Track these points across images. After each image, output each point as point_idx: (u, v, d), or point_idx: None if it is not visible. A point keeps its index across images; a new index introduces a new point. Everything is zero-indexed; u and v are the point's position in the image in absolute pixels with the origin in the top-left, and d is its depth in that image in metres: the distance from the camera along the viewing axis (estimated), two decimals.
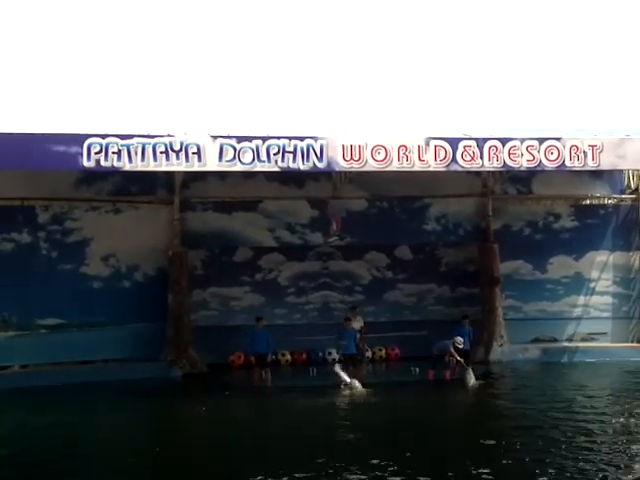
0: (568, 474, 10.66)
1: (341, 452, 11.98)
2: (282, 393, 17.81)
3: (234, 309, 22.61)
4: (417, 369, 19.70)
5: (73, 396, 17.14)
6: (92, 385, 18.13)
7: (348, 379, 17.98)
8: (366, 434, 13.61)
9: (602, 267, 22.94)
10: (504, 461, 11.46)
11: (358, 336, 19.44)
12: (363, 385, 17.89)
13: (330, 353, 21.74)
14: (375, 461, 11.27)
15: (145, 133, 16.15)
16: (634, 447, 11.97)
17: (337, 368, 18.31)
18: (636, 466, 10.92)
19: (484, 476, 10.57)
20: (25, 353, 19.49)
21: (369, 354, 21.94)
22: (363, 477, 10.61)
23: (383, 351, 22.34)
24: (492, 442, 12.64)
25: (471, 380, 18.51)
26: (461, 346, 18.90)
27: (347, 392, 17.61)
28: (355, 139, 16.72)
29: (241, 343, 20.31)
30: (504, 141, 17.07)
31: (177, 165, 16.31)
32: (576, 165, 17.40)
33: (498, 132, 17.73)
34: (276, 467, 11.10)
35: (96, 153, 15.72)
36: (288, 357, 22.15)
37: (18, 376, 19.00)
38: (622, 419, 14.10)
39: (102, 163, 15.81)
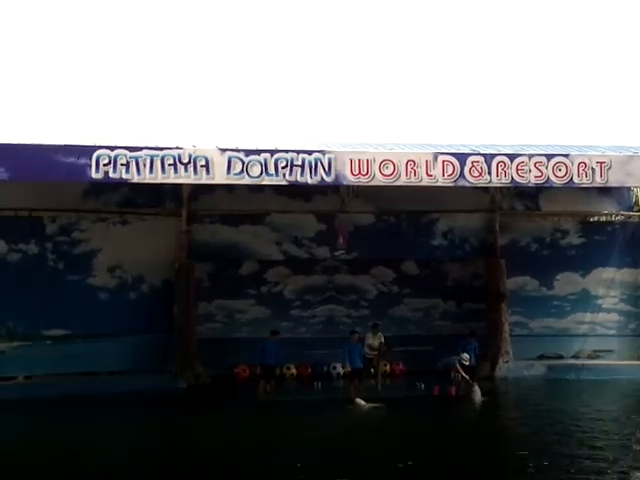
0: None
1: (345, 468, 11.92)
2: (286, 407, 17.74)
3: (239, 322, 22.58)
4: (422, 384, 19.63)
5: (77, 407, 17.08)
6: (96, 396, 18.06)
7: (363, 402, 17.81)
8: (368, 449, 13.57)
9: (609, 284, 22.85)
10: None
11: (366, 351, 19.51)
12: (366, 400, 17.82)
13: (335, 367, 21.72)
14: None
15: (154, 145, 16.17)
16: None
17: (359, 400, 18.04)
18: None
19: None
20: (30, 364, 19.44)
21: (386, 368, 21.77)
22: None
23: (388, 366, 22.22)
24: (497, 460, 12.59)
25: (477, 396, 18.46)
26: (467, 363, 18.86)
27: (351, 407, 17.55)
28: (363, 153, 16.72)
29: (246, 355, 20.35)
30: (512, 157, 17.06)
31: (185, 177, 16.31)
32: (584, 182, 17.38)
33: (506, 148, 17.73)
34: None
35: (105, 165, 15.73)
36: (293, 371, 22.08)
37: (22, 387, 18.95)
38: (627, 437, 14.07)
39: (110, 175, 15.83)
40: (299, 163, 16.34)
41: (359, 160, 16.55)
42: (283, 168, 16.30)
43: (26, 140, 16.26)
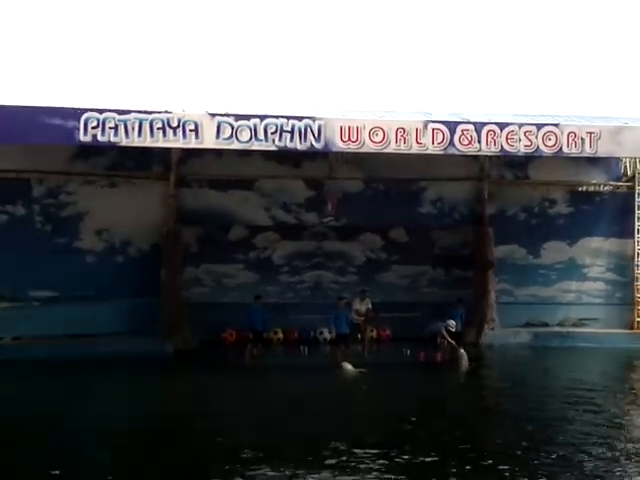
0: (554, 459, 10.78)
1: (332, 432, 12.05)
2: (272, 371, 17.89)
3: (227, 286, 22.63)
4: (408, 350, 19.78)
5: (64, 369, 17.17)
6: (83, 359, 18.08)
7: (349, 366, 17.96)
8: (353, 412, 13.76)
9: (596, 253, 22.98)
10: (494, 447, 11.57)
11: (353, 317, 19.64)
12: (354, 365, 17.98)
13: (322, 332, 21.84)
14: (359, 441, 11.35)
15: (143, 109, 16.08)
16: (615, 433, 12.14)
17: (345, 364, 18.20)
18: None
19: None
20: (17, 325, 19.48)
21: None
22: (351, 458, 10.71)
23: (374, 332, 22.32)
24: (481, 426, 12.73)
25: (464, 361, 18.67)
26: (453, 329, 19.05)
27: (337, 371, 17.70)
28: (353, 120, 16.68)
29: (233, 320, 20.47)
30: (502, 126, 17.08)
31: (174, 142, 16.29)
32: (573, 151, 17.44)
33: (496, 117, 17.72)
34: (264, 444, 11.19)
35: (93, 128, 15.68)
36: (280, 335, 22.19)
37: (9, 348, 19.01)
38: (608, 405, 14.30)
39: (99, 138, 15.79)
40: (289, 129, 16.31)
41: (349, 127, 16.54)
42: (272, 134, 16.28)
43: (13, 101, 16.15)
